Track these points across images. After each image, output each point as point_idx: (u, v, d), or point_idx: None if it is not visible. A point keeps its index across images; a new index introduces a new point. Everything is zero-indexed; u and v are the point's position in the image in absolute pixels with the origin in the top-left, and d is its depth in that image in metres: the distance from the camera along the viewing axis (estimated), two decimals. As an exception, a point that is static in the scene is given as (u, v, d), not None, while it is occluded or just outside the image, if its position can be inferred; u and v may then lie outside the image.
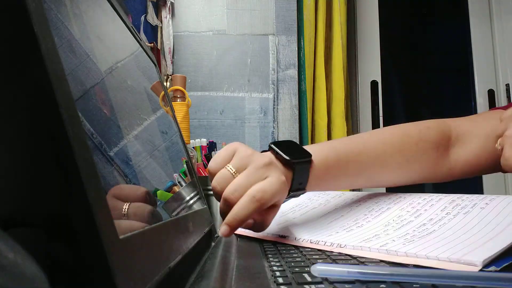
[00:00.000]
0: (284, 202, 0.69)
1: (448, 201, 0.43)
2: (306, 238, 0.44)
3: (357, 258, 0.36)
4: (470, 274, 0.25)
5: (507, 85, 1.83)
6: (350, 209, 0.54)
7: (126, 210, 0.24)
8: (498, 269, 0.28)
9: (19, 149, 0.14)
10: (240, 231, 0.55)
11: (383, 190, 1.71)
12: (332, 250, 0.39)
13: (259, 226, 0.45)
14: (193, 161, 0.85)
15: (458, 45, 2.04)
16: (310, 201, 0.64)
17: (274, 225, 0.52)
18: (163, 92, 0.56)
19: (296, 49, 1.43)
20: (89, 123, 0.22)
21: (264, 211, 0.43)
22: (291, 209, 0.62)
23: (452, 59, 2.16)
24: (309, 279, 0.27)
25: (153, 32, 1.26)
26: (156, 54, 1.24)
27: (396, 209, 0.46)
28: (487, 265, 0.28)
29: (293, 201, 0.67)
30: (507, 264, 0.28)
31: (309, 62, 1.48)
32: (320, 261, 0.35)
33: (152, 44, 1.19)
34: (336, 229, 0.46)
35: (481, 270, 0.28)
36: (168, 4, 1.35)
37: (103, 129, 0.25)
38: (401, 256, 0.33)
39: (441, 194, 0.49)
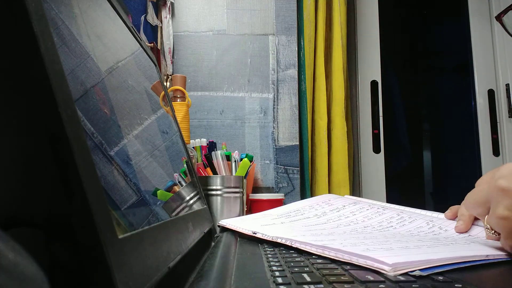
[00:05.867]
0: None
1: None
2: (281, 236, 0.45)
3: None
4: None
5: (507, 85, 1.83)
6: (335, 222, 0.58)
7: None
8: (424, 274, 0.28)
9: (19, 150, 0.14)
10: (227, 224, 0.56)
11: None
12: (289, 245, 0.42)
13: None
14: (193, 161, 0.85)
15: (458, 45, 2.03)
16: (310, 208, 0.64)
17: (258, 226, 0.54)
18: (163, 92, 0.56)
19: (296, 49, 1.43)
20: (89, 122, 0.22)
21: None
22: (287, 213, 0.62)
23: (452, 59, 2.16)
24: (308, 279, 0.27)
25: (153, 32, 1.26)
26: (156, 54, 1.24)
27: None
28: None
29: (291, 206, 0.67)
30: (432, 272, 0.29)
31: (309, 62, 1.48)
32: (320, 261, 0.35)
33: (152, 44, 1.19)
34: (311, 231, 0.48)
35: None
36: (168, 4, 1.35)
37: (103, 129, 0.25)
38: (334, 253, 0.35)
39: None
